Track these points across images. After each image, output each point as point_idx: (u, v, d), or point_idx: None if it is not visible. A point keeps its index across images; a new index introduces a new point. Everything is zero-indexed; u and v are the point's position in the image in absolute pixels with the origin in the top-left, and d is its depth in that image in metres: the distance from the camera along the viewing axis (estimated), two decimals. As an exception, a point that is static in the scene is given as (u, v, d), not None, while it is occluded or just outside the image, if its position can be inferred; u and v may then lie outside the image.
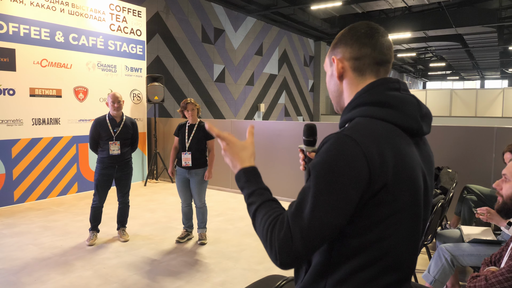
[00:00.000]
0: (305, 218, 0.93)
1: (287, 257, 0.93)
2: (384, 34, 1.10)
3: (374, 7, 12.12)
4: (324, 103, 16.93)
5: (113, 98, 4.19)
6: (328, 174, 0.93)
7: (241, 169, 1.15)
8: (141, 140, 7.64)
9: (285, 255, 0.93)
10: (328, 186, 0.92)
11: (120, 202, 4.40)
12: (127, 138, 4.31)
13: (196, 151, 4.20)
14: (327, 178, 0.93)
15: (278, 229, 0.95)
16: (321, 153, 0.98)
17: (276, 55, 13.76)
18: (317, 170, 0.95)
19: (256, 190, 1.09)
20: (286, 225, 0.95)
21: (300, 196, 0.97)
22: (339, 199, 0.92)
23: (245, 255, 3.96)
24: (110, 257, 3.85)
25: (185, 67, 9.87)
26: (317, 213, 0.92)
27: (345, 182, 0.92)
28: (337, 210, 0.93)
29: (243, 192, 1.13)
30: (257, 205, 1.06)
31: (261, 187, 1.10)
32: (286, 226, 0.94)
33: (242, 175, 1.14)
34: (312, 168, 0.96)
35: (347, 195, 0.93)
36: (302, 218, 0.93)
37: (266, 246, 0.98)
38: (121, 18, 7.03)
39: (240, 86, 12.12)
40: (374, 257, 1.00)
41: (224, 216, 5.36)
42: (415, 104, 1.05)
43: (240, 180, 1.14)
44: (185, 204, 4.35)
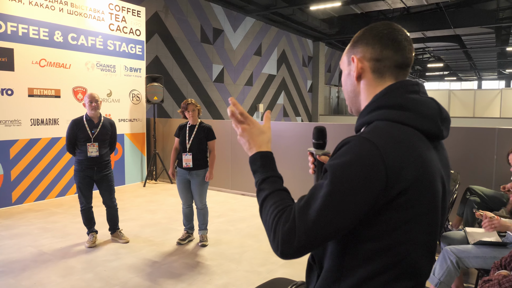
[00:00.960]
0: (311, 214, 0.92)
1: (288, 249, 0.94)
2: (407, 37, 1.07)
3: (373, 7, 12.12)
4: (323, 104, 16.92)
5: (90, 97, 4.09)
6: (343, 176, 0.92)
7: (257, 152, 1.14)
8: (141, 141, 7.61)
9: (286, 246, 0.94)
10: (341, 188, 0.91)
11: (106, 206, 4.30)
12: (106, 139, 4.22)
13: (197, 152, 4.17)
14: (341, 179, 0.91)
15: (284, 220, 0.95)
16: (339, 154, 0.96)
17: (275, 56, 13.74)
18: (333, 171, 0.93)
19: (270, 178, 1.09)
20: (292, 217, 0.94)
21: (311, 192, 0.96)
22: (350, 202, 0.91)
23: (247, 256, 3.94)
24: (111, 259, 3.81)
25: (184, 67, 9.83)
26: (325, 212, 0.91)
27: (359, 186, 0.91)
28: (346, 213, 0.91)
29: (255, 176, 1.12)
30: (267, 192, 1.05)
31: (275, 174, 1.10)
32: (292, 219, 0.94)
33: (258, 159, 1.12)
34: (329, 167, 0.95)
35: (359, 198, 0.91)
36: (308, 213, 0.92)
37: (269, 235, 0.99)
38: (120, 18, 6.99)
39: (239, 86, 12.09)
40: (390, 262, 0.97)
41: (224, 217, 5.33)
42: (435, 108, 1.03)
43: (255, 163, 1.12)
44: (186, 206, 4.31)
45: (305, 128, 6.26)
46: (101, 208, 4.57)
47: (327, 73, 17.66)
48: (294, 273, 3.54)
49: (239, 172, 6.79)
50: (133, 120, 7.41)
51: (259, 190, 1.08)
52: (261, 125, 1.18)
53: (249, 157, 1.15)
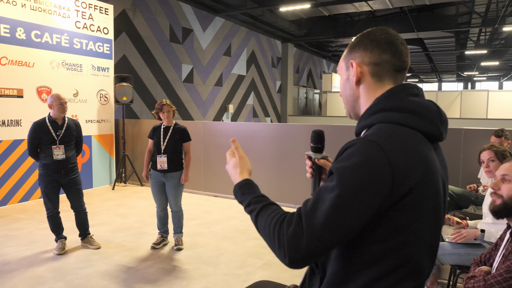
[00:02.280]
0: (319, 217, 0.91)
1: (296, 254, 0.91)
2: (402, 41, 1.10)
3: (341, 10, 12.35)
4: (291, 104, 17.07)
5: (61, 99, 3.92)
6: (351, 179, 0.91)
7: (235, 186, 1.20)
8: (109, 142, 7.37)
9: (294, 251, 0.91)
10: (349, 191, 0.91)
11: (75, 211, 4.12)
12: (71, 141, 4.05)
13: (172, 154, 4.09)
14: (349, 182, 0.91)
15: (287, 225, 0.94)
16: (344, 157, 0.95)
17: (244, 56, 13.72)
18: (340, 173, 0.93)
19: (253, 199, 1.11)
20: (295, 221, 0.93)
21: (317, 195, 0.95)
22: (358, 205, 0.91)
23: (225, 259, 3.89)
24: (82, 266, 3.65)
25: (152, 67, 9.63)
26: (334, 214, 0.90)
27: (367, 188, 0.91)
28: (355, 215, 0.91)
29: (242, 205, 1.15)
30: (257, 210, 1.06)
31: (257, 195, 1.12)
32: (296, 223, 0.93)
33: (238, 191, 1.18)
34: (335, 170, 0.94)
35: (367, 201, 0.91)
36: (316, 217, 0.91)
37: (273, 245, 0.96)
38: (87, 15, 6.75)
39: (208, 86, 11.98)
40: (396, 263, 0.98)
41: (199, 219, 5.25)
42: (435, 110, 1.05)
43: (237, 195, 1.18)
44: (161, 209, 4.21)
45: (277, 129, 6.28)
46: (68, 212, 4.38)
47: (295, 74, 17.84)
48: (273, 275, 3.53)
49: (212, 174, 6.72)
50: (101, 121, 7.17)
51: (249, 213, 1.10)
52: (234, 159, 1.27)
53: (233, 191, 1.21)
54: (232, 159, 1.26)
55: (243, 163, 1.24)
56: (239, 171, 1.22)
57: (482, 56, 18.76)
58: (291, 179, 6.00)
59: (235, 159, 1.25)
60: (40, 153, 3.94)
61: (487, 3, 12.74)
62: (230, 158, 1.27)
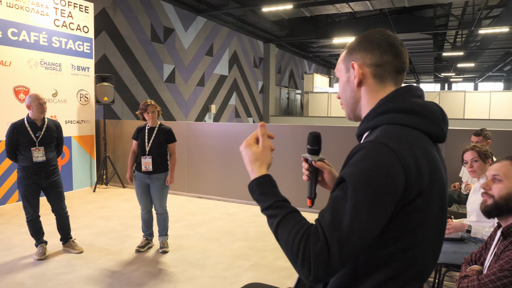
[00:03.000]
0: (344, 230, 0.88)
1: (322, 271, 0.88)
2: (402, 43, 1.09)
3: (322, 11, 12.45)
4: (273, 105, 17.10)
5: (40, 99, 3.79)
6: (367, 184, 0.89)
7: (253, 181, 1.09)
8: (89, 143, 7.21)
9: (320, 268, 0.87)
10: (367, 197, 0.89)
11: (56, 214, 4.00)
12: (52, 142, 3.93)
13: (157, 155, 4.02)
14: (365, 188, 0.89)
15: (313, 241, 0.89)
16: (355, 162, 0.93)
17: (226, 56, 13.67)
18: (355, 180, 0.90)
19: (274, 203, 1.02)
20: (322, 237, 0.89)
21: (333, 205, 0.92)
22: (378, 210, 0.89)
23: (211, 261, 3.85)
24: (65, 271, 3.55)
25: (133, 67, 9.47)
26: (357, 225, 0.88)
27: (384, 192, 0.89)
28: (376, 221, 0.90)
29: (258, 204, 1.06)
30: (279, 218, 0.98)
31: (278, 198, 1.03)
32: (322, 239, 0.88)
33: (256, 188, 1.07)
34: (348, 176, 0.92)
35: (385, 205, 0.90)
36: (340, 230, 0.88)
37: (295, 260, 0.91)
38: (66, 13, 6.57)
39: (190, 86, 11.87)
40: (402, 267, 0.98)
41: (183, 221, 5.19)
42: (439, 112, 1.05)
43: (254, 192, 1.07)
44: (145, 211, 4.13)
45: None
46: (49, 216, 4.25)
47: (277, 74, 17.89)
48: (261, 276, 3.51)
49: (196, 175, 6.65)
50: (81, 122, 7.01)
51: (268, 217, 1.02)
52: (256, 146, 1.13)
53: (248, 186, 1.10)
54: (252, 147, 1.12)
55: (266, 156, 1.11)
56: (258, 164, 1.10)
57: (459, 57, 19.24)
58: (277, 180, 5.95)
59: (257, 148, 1.11)
60: (19, 155, 3.81)
61: (464, 6, 13.07)
62: (250, 145, 1.12)
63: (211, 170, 6.54)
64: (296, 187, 5.75)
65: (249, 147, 1.12)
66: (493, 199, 1.66)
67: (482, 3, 11.65)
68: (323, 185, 1.36)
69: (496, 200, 1.65)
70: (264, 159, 1.11)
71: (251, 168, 1.11)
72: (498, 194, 1.65)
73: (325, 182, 1.35)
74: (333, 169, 1.34)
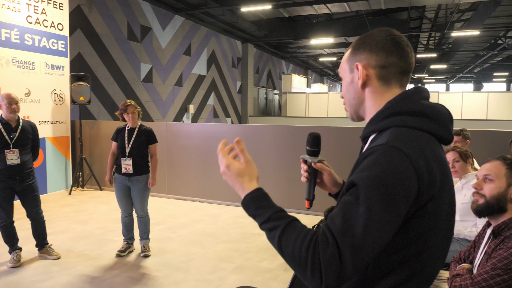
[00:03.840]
0: (357, 236, 0.84)
1: (335, 279, 0.83)
2: (408, 43, 1.07)
3: (300, 12, 12.51)
4: (252, 105, 17.09)
5: (9, 98, 3.63)
6: (380, 189, 0.86)
7: (246, 196, 1.03)
8: (65, 145, 6.98)
9: (332, 275, 0.83)
10: (381, 202, 0.86)
11: (32, 219, 3.83)
12: (27, 144, 3.77)
13: (137, 156, 3.91)
14: (379, 193, 0.86)
15: (322, 248, 0.85)
16: (367, 166, 0.90)
17: (204, 56, 13.55)
18: (368, 185, 0.87)
19: (273, 215, 0.96)
20: (332, 243, 0.84)
21: (344, 210, 0.88)
22: (391, 215, 0.87)
23: (195, 264, 3.78)
24: (42, 279, 3.40)
25: (110, 66, 9.24)
26: (370, 230, 0.85)
27: (397, 197, 0.87)
28: (390, 227, 0.87)
29: (256, 220, 1.00)
30: (281, 229, 0.92)
31: (276, 209, 0.98)
32: (333, 244, 0.84)
33: (250, 203, 1.01)
34: (360, 181, 0.89)
35: (399, 210, 0.88)
36: (353, 235, 0.84)
37: (304, 270, 0.86)
38: (39, 10, 6.34)
39: (168, 86, 11.70)
40: (413, 271, 0.96)
41: (164, 224, 5.08)
42: (447, 113, 1.04)
43: (250, 208, 1.01)
44: (126, 214, 4.02)
45: (243, 130, 6.23)
46: (22, 221, 4.08)
47: (255, 74, 17.88)
48: (246, 279, 3.47)
49: (176, 176, 6.55)
50: (55, 123, 6.77)
51: (268, 230, 0.96)
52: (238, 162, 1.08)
53: (241, 203, 1.04)
54: (234, 165, 1.06)
55: (251, 169, 1.06)
56: (247, 178, 1.05)
57: (432, 59, 19.75)
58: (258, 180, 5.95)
59: (239, 164, 1.07)
60: None
61: (437, 9, 13.42)
62: (228, 162, 1.07)
63: (191, 171, 6.45)
64: (278, 187, 5.74)
65: (231, 166, 1.07)
66: (485, 199, 1.68)
67: (454, 6, 11.99)
68: (322, 187, 1.34)
69: (488, 200, 1.67)
70: (251, 172, 1.06)
71: (240, 185, 1.05)
72: (490, 193, 1.67)
73: (324, 183, 1.32)
74: (332, 171, 1.32)
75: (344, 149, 5.29)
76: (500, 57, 20.77)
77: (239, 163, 1.08)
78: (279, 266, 3.77)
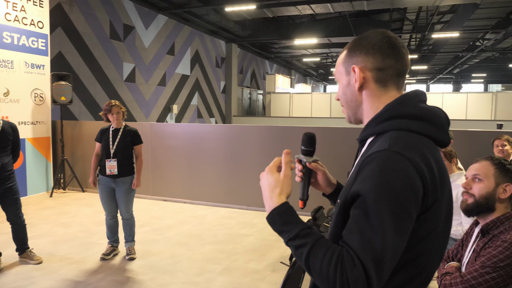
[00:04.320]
0: (377, 249, 0.83)
1: None
2: (403, 44, 1.06)
3: (284, 12, 12.53)
4: (236, 105, 17.04)
5: None
6: (389, 196, 0.86)
7: (273, 211, 1.01)
8: (45, 146, 6.81)
9: None
10: (392, 211, 0.85)
11: (12, 223, 3.72)
12: (7, 146, 3.66)
13: (122, 158, 3.85)
14: (388, 201, 0.85)
15: (349, 268, 0.84)
16: (372, 174, 0.89)
17: (188, 55, 13.44)
18: (377, 194, 0.86)
19: (301, 232, 0.94)
20: (357, 262, 0.84)
21: (358, 225, 0.87)
22: (405, 222, 0.87)
23: (182, 267, 3.73)
24: (23, 284, 3.30)
25: (91, 65, 9.07)
26: (389, 241, 0.84)
27: (407, 202, 0.87)
28: (405, 233, 0.88)
29: (281, 235, 0.98)
30: (309, 247, 0.91)
31: (303, 226, 0.97)
32: (358, 263, 0.84)
33: (277, 218, 0.99)
34: (369, 192, 0.87)
35: (411, 216, 0.88)
36: (374, 249, 0.84)
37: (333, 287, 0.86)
38: (18, 7, 6.16)
39: (151, 86, 11.56)
40: (412, 274, 0.96)
41: (149, 226, 5.01)
42: (444, 117, 1.04)
43: (276, 223, 0.99)
44: (110, 216, 3.95)
45: (228, 130, 6.19)
46: (2, 225, 3.96)
47: (239, 74, 17.84)
48: (233, 280, 3.45)
49: (160, 177, 6.47)
50: (36, 123, 6.60)
51: (295, 247, 0.94)
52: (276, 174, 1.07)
53: (267, 217, 1.03)
54: (274, 174, 1.06)
55: (287, 184, 1.05)
56: (278, 191, 1.03)
57: (412, 60, 20.07)
58: (244, 181, 5.95)
59: (278, 176, 1.06)
60: None
61: (418, 11, 13.65)
62: (271, 172, 1.07)
63: (176, 172, 6.38)
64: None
65: (270, 174, 1.07)
66: (474, 198, 1.70)
67: (434, 8, 12.22)
68: (315, 187, 1.33)
69: (477, 199, 1.69)
70: (285, 187, 1.05)
71: (269, 195, 1.03)
72: (479, 193, 1.69)
73: (319, 183, 1.32)
74: (326, 171, 1.31)
75: (332, 149, 5.32)
76: (478, 59, 21.28)
77: (278, 174, 1.07)
78: (267, 267, 3.76)
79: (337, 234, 0.97)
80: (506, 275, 1.54)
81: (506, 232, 1.62)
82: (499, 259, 1.55)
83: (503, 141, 3.93)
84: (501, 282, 1.54)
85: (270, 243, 4.42)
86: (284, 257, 3.96)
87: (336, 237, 0.98)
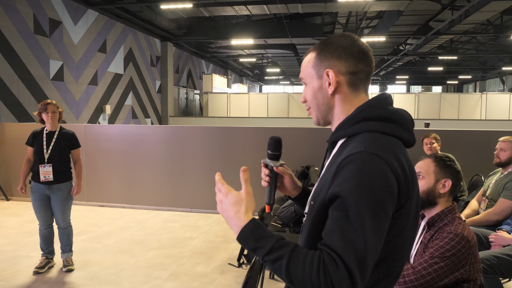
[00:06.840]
0: (359, 249, 0.86)
1: None
2: (369, 47, 1.10)
3: (221, 12, 12.50)
4: (172, 105, 16.66)
5: None
6: (369, 197, 0.89)
7: (243, 229, 0.98)
8: (-40, 151, 6.12)
9: None
10: (372, 210, 0.88)
11: None
12: None
13: (58, 163, 3.58)
14: (368, 202, 0.88)
15: (332, 269, 0.85)
16: (351, 176, 0.91)
17: (121, 54, 12.86)
18: (356, 195, 0.88)
19: (275, 245, 0.93)
20: (339, 262, 0.85)
21: (339, 227, 0.88)
22: (383, 221, 0.91)
23: (125, 275, 3.56)
24: None
25: (13, 62, 8.32)
26: (370, 241, 0.87)
27: (385, 202, 0.91)
28: (384, 231, 0.92)
29: (256, 252, 0.96)
30: (287, 258, 0.90)
31: (276, 238, 0.95)
32: (341, 264, 0.85)
33: (249, 235, 0.97)
34: (348, 193, 0.89)
35: (388, 215, 0.92)
36: (356, 249, 0.86)
37: None
38: None
39: (82, 85, 10.90)
40: (386, 271, 1.01)
41: (86, 234, 4.72)
42: (410, 119, 1.09)
43: (248, 241, 0.97)
44: (45, 226, 3.65)
45: (168, 131, 6.03)
46: None
47: (175, 74, 17.46)
48: (182, 285, 3.37)
49: (96, 182, 6.12)
50: (-52, 126, 5.91)
51: (273, 261, 0.92)
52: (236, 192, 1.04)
53: (237, 238, 0.99)
54: (233, 194, 1.03)
55: (250, 201, 1.03)
56: (244, 210, 1.01)
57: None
58: (185, 182, 5.83)
59: (239, 194, 1.03)
60: None
61: (348, 15, 14.36)
62: (230, 192, 1.04)
63: (113, 175, 6.08)
64: (206, 190, 5.67)
65: (230, 194, 1.04)
66: None
67: (363, 14, 12.94)
68: (282, 190, 1.34)
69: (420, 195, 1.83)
70: (249, 204, 1.03)
71: (235, 215, 1.01)
72: (421, 189, 1.83)
73: (285, 187, 1.32)
74: (293, 174, 1.33)
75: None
76: (401, 62, 22.90)
77: (238, 192, 1.04)
78: (215, 269, 3.72)
79: (314, 236, 0.98)
80: (452, 264, 1.67)
81: (450, 224, 1.76)
82: (446, 249, 1.68)
83: (431, 139, 4.27)
84: (447, 270, 1.67)
85: (216, 245, 4.38)
86: (232, 258, 3.95)
87: (313, 239, 0.99)
